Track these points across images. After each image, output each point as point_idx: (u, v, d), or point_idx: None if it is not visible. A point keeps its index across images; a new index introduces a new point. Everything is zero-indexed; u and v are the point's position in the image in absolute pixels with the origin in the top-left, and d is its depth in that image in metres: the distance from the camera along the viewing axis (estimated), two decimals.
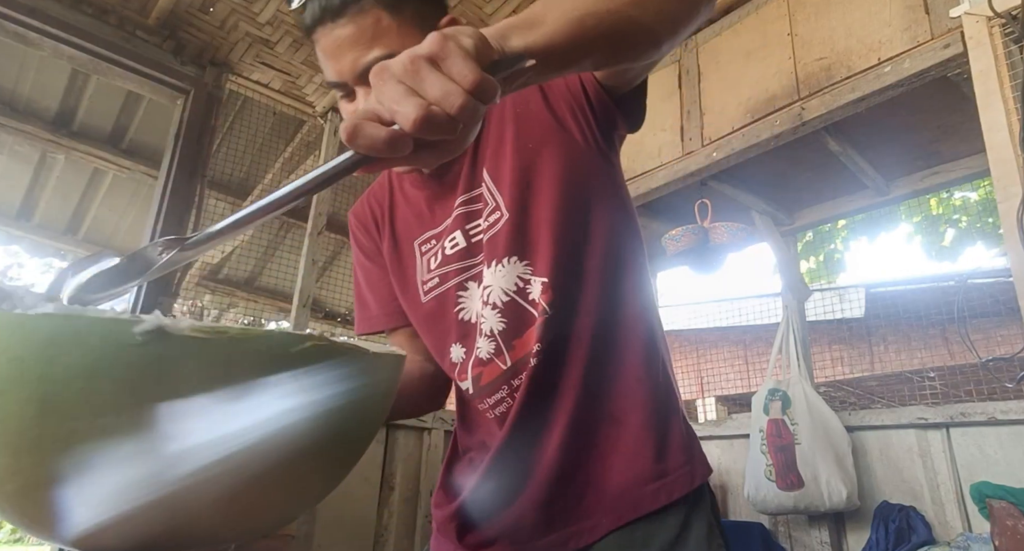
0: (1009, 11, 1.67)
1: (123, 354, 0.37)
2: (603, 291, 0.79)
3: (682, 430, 0.79)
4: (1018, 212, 1.56)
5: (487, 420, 0.82)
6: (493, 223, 0.80)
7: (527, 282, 0.78)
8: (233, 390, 0.38)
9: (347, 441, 0.48)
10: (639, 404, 0.77)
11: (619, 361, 0.78)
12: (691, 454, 0.77)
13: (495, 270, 0.79)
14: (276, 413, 0.39)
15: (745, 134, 2.35)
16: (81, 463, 0.37)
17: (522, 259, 0.78)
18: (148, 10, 2.60)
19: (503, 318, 0.78)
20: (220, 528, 0.44)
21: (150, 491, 0.38)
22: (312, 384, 0.41)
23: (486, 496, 0.78)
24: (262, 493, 0.44)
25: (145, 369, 0.37)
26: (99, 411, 0.37)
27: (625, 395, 0.77)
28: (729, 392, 4.68)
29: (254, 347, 0.40)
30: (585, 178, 0.81)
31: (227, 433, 0.38)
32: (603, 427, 0.76)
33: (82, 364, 0.36)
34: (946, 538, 2.26)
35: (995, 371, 2.15)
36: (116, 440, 0.37)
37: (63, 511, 0.38)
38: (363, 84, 0.76)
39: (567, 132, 0.81)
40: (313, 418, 0.41)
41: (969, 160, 2.78)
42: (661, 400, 0.78)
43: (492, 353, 0.79)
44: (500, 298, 0.79)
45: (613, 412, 0.76)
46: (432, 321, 0.87)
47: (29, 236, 4.08)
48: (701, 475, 0.77)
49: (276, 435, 0.40)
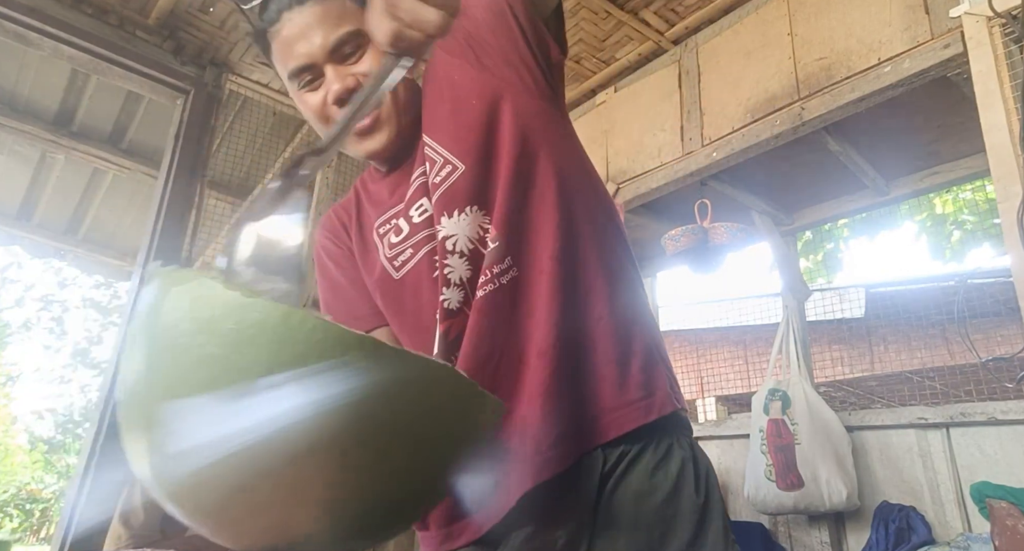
0: (1009, 11, 1.67)
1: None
2: (559, 226, 0.77)
3: (641, 366, 0.76)
4: (1018, 212, 1.56)
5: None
6: (446, 177, 0.79)
7: (486, 231, 0.77)
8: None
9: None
10: (601, 337, 0.75)
11: (583, 298, 0.76)
12: (650, 389, 0.75)
13: (458, 220, 0.78)
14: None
15: (745, 134, 2.35)
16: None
17: (481, 208, 0.78)
18: (148, 10, 2.60)
19: (470, 266, 0.77)
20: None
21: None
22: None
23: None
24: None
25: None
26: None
27: (588, 330, 0.75)
28: (729, 392, 4.67)
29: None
30: (528, 120, 0.80)
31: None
32: (567, 357, 0.74)
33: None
34: (946, 538, 2.26)
35: (995, 371, 2.15)
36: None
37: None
38: (333, 61, 0.79)
39: (507, 66, 0.81)
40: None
41: (969, 160, 2.78)
42: (622, 337, 0.77)
43: (461, 302, 0.77)
44: (466, 246, 0.77)
45: (577, 343, 0.74)
46: (413, 293, 0.84)
47: (29, 236, 4.08)
48: (659, 408, 0.75)
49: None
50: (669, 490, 0.72)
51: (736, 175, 2.88)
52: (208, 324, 0.38)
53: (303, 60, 0.79)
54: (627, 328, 0.78)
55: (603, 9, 2.53)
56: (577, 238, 0.79)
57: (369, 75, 0.79)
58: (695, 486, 0.73)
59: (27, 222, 4.03)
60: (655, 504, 0.72)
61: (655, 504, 0.72)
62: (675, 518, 0.71)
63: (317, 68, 0.79)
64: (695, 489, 0.73)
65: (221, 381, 0.37)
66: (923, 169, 2.92)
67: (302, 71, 0.80)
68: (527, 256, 0.77)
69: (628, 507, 0.72)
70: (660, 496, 0.72)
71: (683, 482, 0.73)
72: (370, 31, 0.56)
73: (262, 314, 0.38)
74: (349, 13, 0.79)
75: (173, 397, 0.39)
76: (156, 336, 0.40)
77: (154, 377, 0.40)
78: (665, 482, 0.73)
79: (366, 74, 0.79)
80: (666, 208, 3.21)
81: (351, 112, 0.59)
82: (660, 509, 0.71)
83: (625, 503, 0.72)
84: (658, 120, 2.69)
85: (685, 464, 0.74)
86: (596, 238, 0.81)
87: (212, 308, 0.39)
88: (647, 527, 0.71)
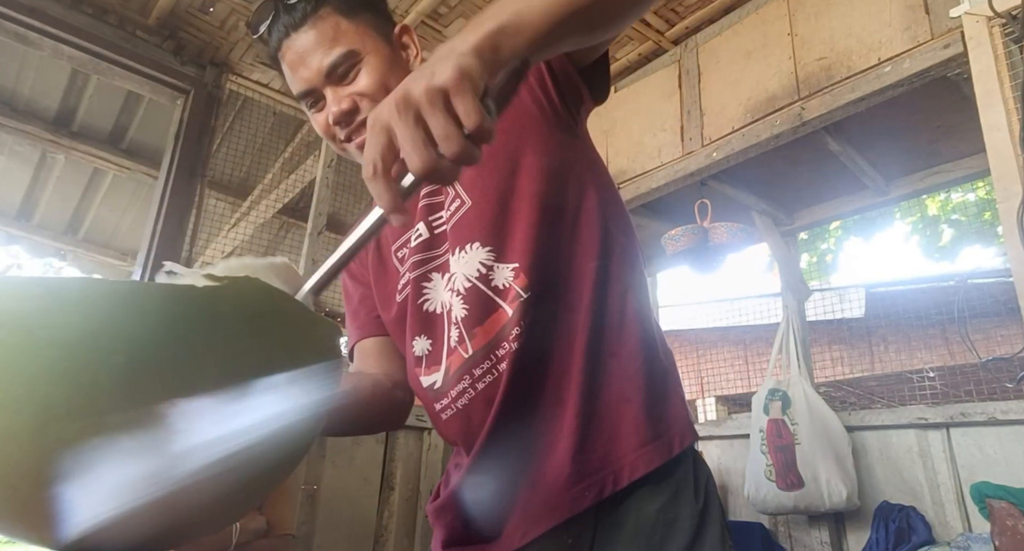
0: (1009, 11, 1.67)
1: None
2: (595, 275, 0.78)
3: (665, 405, 0.78)
4: (1018, 212, 1.56)
5: (449, 416, 0.80)
6: (454, 212, 0.80)
7: (490, 268, 0.77)
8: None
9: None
10: (636, 390, 0.76)
11: (616, 350, 0.77)
12: (677, 426, 0.77)
13: (459, 257, 0.79)
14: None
15: (745, 134, 2.35)
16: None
17: (484, 244, 0.77)
18: (148, 10, 2.60)
19: (465, 305, 0.77)
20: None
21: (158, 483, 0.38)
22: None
23: (482, 486, 0.77)
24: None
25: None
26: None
27: (622, 383, 0.76)
28: (729, 392, 4.68)
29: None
30: (555, 158, 0.80)
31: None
32: (600, 412, 0.75)
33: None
34: (946, 538, 2.26)
35: (995, 371, 2.15)
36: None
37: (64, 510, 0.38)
38: (331, 84, 0.81)
39: (530, 113, 0.81)
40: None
41: (969, 160, 2.78)
42: (658, 385, 0.78)
43: (457, 341, 0.78)
44: (463, 285, 0.78)
45: (610, 400, 0.75)
46: (401, 317, 0.86)
47: (29, 236, 4.08)
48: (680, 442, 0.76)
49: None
50: (669, 495, 0.74)
51: (736, 175, 2.88)
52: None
53: (304, 85, 0.82)
54: (651, 366, 0.79)
55: None
56: (609, 282, 0.79)
57: (367, 91, 0.80)
58: (695, 491, 0.75)
59: (27, 222, 4.03)
60: (655, 508, 0.73)
61: (655, 508, 0.73)
62: (674, 523, 0.73)
63: (317, 91, 0.82)
64: (694, 494, 0.75)
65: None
66: (923, 169, 2.92)
67: (305, 95, 0.83)
68: (562, 304, 0.77)
69: (629, 511, 0.74)
70: (660, 501, 0.74)
71: (683, 487, 0.75)
72: (404, 157, 0.46)
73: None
74: (342, 33, 0.81)
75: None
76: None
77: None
78: (665, 487, 0.74)
79: (362, 93, 0.81)
80: (666, 208, 3.21)
81: (338, 258, 0.53)
82: (660, 513, 0.73)
83: (626, 507, 0.74)
84: (658, 120, 2.69)
85: (686, 470, 0.76)
86: (626, 273, 0.81)
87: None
88: (647, 531, 0.73)
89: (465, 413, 0.77)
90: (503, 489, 0.76)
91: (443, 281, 0.81)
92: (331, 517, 2.52)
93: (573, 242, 0.78)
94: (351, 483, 2.63)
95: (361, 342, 0.94)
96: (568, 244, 0.78)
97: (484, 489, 0.77)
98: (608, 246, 0.80)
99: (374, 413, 0.88)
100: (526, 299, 0.75)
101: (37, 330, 0.37)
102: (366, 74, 0.81)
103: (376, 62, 0.82)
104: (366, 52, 0.82)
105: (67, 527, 0.38)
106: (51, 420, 0.36)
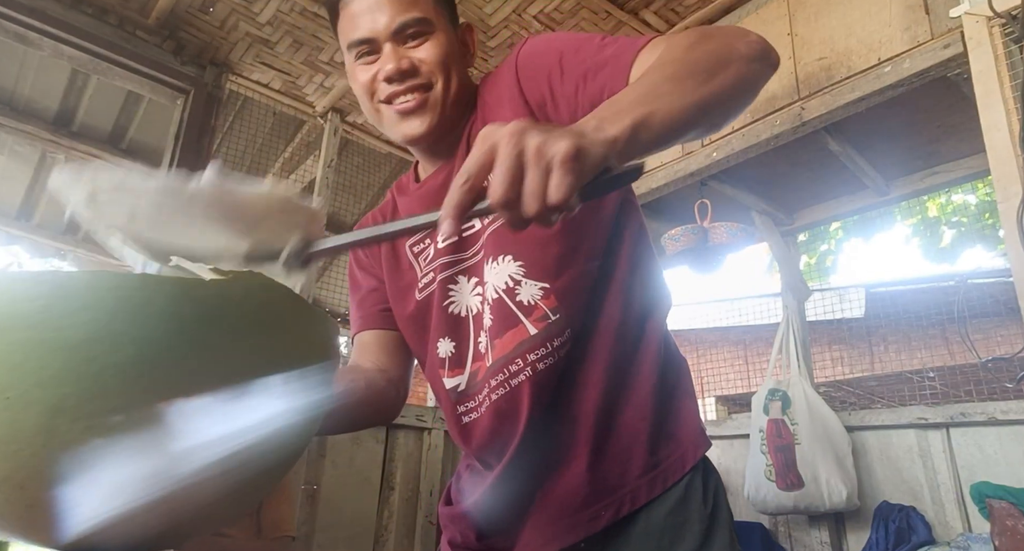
0: (1009, 11, 1.67)
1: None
2: (622, 299, 0.79)
3: (680, 421, 0.81)
4: (1018, 212, 1.56)
5: (470, 421, 0.81)
6: (494, 219, 0.80)
7: (517, 283, 0.77)
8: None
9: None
10: (650, 411, 0.78)
11: (634, 370, 0.79)
12: (693, 442, 0.80)
13: (491, 267, 0.79)
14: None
15: (745, 134, 2.35)
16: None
17: (517, 259, 0.77)
18: (148, 10, 2.59)
19: (492, 315, 0.78)
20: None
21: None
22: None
23: (498, 500, 0.79)
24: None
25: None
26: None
27: (637, 404, 0.78)
28: (729, 392, 4.67)
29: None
30: None
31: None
32: (616, 433, 0.77)
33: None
34: (946, 538, 2.26)
35: (995, 371, 2.15)
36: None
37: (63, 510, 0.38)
38: (394, 41, 0.80)
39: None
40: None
41: (969, 160, 2.78)
42: (670, 402, 0.80)
43: (485, 348, 0.79)
44: (492, 295, 0.79)
45: (625, 421, 0.77)
46: (419, 316, 0.86)
47: (29, 236, 4.08)
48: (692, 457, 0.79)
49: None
50: (678, 498, 0.75)
51: (736, 175, 2.88)
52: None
53: (365, 33, 0.80)
54: (663, 383, 0.80)
55: (603, 9, 2.53)
56: (632, 304, 0.80)
57: (428, 61, 0.80)
58: (703, 496, 0.76)
59: (27, 222, 4.02)
60: (664, 512, 0.75)
61: (664, 512, 0.75)
62: (683, 526, 0.74)
63: (376, 43, 0.81)
64: (703, 499, 0.76)
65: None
66: (923, 169, 2.92)
67: (362, 43, 0.82)
68: (588, 327, 0.78)
69: (638, 515, 0.75)
70: (669, 505, 0.75)
71: (692, 492, 0.76)
72: (491, 182, 0.47)
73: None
74: (422, 0, 0.81)
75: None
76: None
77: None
78: (674, 491, 0.76)
79: (423, 60, 0.81)
80: (666, 208, 3.21)
81: (368, 236, 0.57)
82: (668, 517, 0.74)
83: (636, 510, 0.75)
84: None
85: (695, 475, 0.78)
86: (648, 291, 0.82)
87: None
88: (656, 534, 0.74)
89: (483, 420, 0.79)
90: (521, 504, 0.77)
91: (469, 285, 0.81)
92: (331, 517, 2.52)
93: (603, 264, 0.79)
94: (351, 483, 2.63)
95: (361, 333, 0.95)
96: (598, 267, 0.79)
97: (503, 503, 0.78)
98: (633, 265, 0.81)
99: (366, 413, 0.88)
100: (555, 321, 0.75)
101: (45, 331, 0.37)
102: (432, 46, 0.81)
103: (444, 40, 0.82)
104: (438, 28, 0.82)
105: (69, 526, 0.38)
106: (59, 420, 0.36)
